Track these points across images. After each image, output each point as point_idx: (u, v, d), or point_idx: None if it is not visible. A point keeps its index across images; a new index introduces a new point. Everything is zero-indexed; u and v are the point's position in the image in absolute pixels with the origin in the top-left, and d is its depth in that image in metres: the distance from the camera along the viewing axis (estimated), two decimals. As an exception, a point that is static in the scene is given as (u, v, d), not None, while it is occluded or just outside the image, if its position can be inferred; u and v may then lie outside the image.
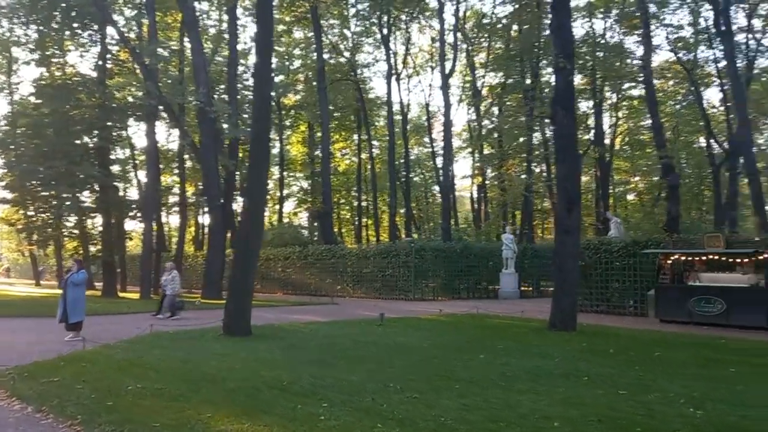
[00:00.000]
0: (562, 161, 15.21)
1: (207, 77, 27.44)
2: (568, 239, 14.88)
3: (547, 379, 8.75)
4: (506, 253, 28.90)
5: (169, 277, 19.17)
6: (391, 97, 39.94)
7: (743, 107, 29.07)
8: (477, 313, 19.11)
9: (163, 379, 8.39)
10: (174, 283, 18.99)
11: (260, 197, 14.28)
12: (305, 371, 9.07)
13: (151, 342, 12.26)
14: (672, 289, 17.53)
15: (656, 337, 13.64)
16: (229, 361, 9.93)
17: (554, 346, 12.10)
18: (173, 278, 19.13)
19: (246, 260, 13.88)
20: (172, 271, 19.54)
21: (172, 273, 19.41)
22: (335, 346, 11.73)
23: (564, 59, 14.93)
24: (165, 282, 19.32)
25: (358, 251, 30.79)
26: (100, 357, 10.28)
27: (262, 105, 14.18)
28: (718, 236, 17.07)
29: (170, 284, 18.97)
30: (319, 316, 18.86)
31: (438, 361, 10.15)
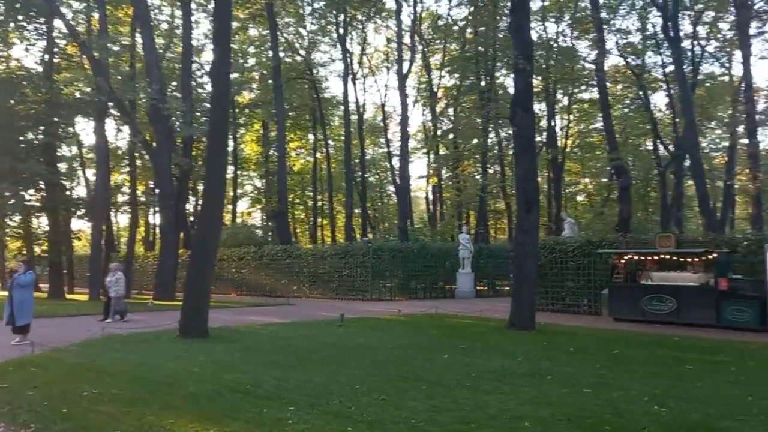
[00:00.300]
0: (521, 162, 15.34)
1: (160, 73, 26.77)
2: (527, 239, 15.01)
3: (512, 378, 8.76)
4: (463, 252, 29.09)
5: (114, 279, 17.97)
6: (347, 97, 39.78)
7: (690, 111, 29.93)
8: (436, 313, 19.13)
9: (119, 384, 8.07)
10: (119, 285, 17.89)
11: (218, 195, 13.94)
12: (267, 374, 8.88)
13: (104, 345, 11.83)
14: (625, 288, 17.89)
15: (613, 336, 13.87)
16: (186, 363, 9.65)
17: (515, 345, 12.17)
18: (117, 280, 17.95)
19: (203, 260, 13.53)
20: (117, 273, 18.32)
21: (116, 274, 18.18)
22: (296, 348, 11.54)
23: (523, 60, 15.06)
24: (109, 284, 18.09)
25: (314, 251, 30.53)
26: (51, 361, 9.85)
27: (220, 101, 13.86)
28: (670, 236, 17.52)
29: (114, 286, 17.81)
30: (276, 318, 18.57)
31: (401, 362, 10.07)
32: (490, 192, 40.84)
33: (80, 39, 25.25)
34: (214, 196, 13.72)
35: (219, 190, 13.88)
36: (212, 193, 13.70)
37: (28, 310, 12.67)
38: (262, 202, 58.09)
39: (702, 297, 16.28)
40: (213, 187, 13.69)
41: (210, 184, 13.71)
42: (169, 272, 27.00)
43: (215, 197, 13.76)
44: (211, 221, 13.63)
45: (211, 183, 13.68)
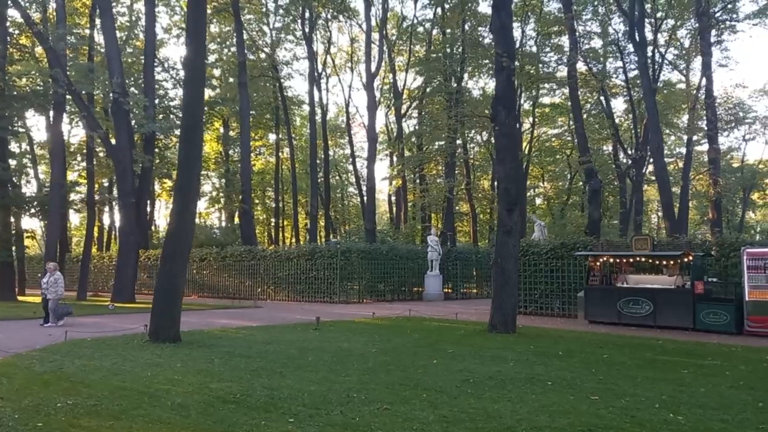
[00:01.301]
0: (503, 162, 15.09)
1: (121, 66, 25.69)
2: (509, 240, 14.75)
3: (513, 384, 8.41)
4: (431, 254, 28.85)
5: (51, 280, 16.54)
6: (313, 96, 39.08)
7: (655, 115, 30.30)
8: (411, 316, 18.77)
9: (95, 395, 7.41)
10: (57, 286, 16.51)
11: (191, 191, 13.24)
12: (255, 382, 8.33)
13: (70, 351, 11.05)
14: (601, 291, 17.83)
15: (596, 339, 13.71)
16: (166, 372, 9.01)
17: (503, 349, 11.86)
18: (56, 281, 16.60)
19: (175, 260, 12.82)
20: (55, 273, 16.90)
21: (54, 275, 16.79)
22: (278, 354, 10.98)
23: (507, 59, 14.81)
24: (46, 285, 16.62)
25: (280, 253, 29.81)
26: (16, 369, 9.08)
27: (194, 91, 13.19)
28: (646, 239, 17.50)
29: (52, 287, 16.43)
30: (247, 321, 17.91)
31: (393, 368, 9.63)
32: (456, 194, 40.68)
33: (36, 28, 23.98)
34: (187, 191, 13.02)
35: (192, 186, 13.18)
36: (185, 189, 12.99)
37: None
38: (221, 202, 56.98)
39: (678, 300, 16.30)
40: (185, 182, 12.98)
41: (182, 179, 12.99)
42: (128, 273, 25.97)
43: (188, 193, 13.05)
44: (183, 218, 12.92)
45: (184, 178, 12.97)
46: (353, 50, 53.13)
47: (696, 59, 42.75)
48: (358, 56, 53.88)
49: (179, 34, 47.20)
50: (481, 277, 32.54)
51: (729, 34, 38.22)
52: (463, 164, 43.27)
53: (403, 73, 48.69)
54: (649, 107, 30.49)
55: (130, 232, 26.06)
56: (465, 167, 43.83)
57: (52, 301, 16.44)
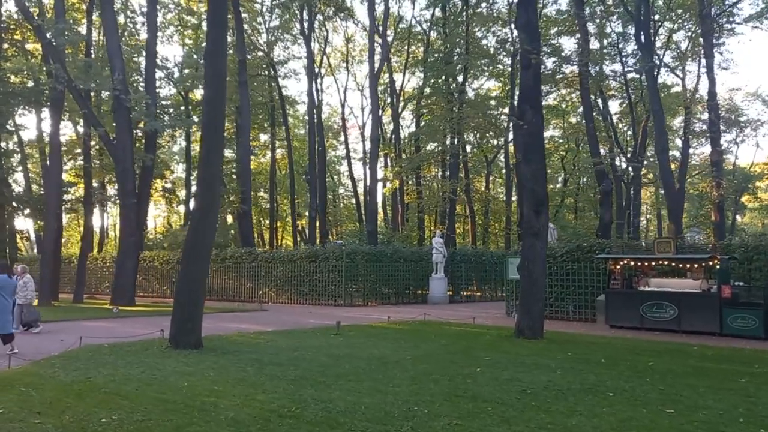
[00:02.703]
0: (530, 161, 14.66)
1: (122, 63, 25.02)
2: (537, 242, 14.33)
3: (574, 396, 7.96)
4: (436, 257, 28.41)
5: (20, 283, 15.22)
6: (312, 95, 38.47)
7: (660, 117, 30.07)
8: (428, 320, 18.29)
9: (138, 408, 6.87)
10: (26, 290, 15.43)
11: (214, 190, 12.66)
12: (302, 393, 7.81)
13: (90, 358, 10.45)
14: (623, 295, 17.41)
15: (628, 345, 13.31)
16: (202, 382, 8.47)
17: (540, 356, 11.42)
18: (25, 284, 15.54)
19: (197, 261, 12.24)
20: (24, 276, 15.83)
21: (23, 278, 15.67)
22: (310, 361, 10.46)
23: (535, 55, 14.40)
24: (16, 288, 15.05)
25: (283, 254, 29.21)
26: (41, 379, 8.49)
27: (216, 82, 12.62)
28: (669, 242, 17.14)
29: (21, 291, 15.19)
30: (260, 325, 17.37)
31: (439, 377, 9.15)
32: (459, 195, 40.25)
33: (36, 22, 23.23)
34: (209, 190, 12.44)
35: (214, 184, 12.61)
36: (207, 188, 12.40)
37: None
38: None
39: (704, 304, 15.91)
40: (207, 181, 12.40)
41: (204, 177, 12.41)
42: (128, 276, 25.29)
43: (210, 192, 12.47)
44: (205, 218, 12.34)
45: (206, 176, 12.39)
46: (348, 50, 52.71)
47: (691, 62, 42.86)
48: (352, 56, 53.52)
49: (172, 33, 46.65)
50: (485, 280, 32.08)
51: (727, 36, 38.19)
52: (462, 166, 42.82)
53: (400, 74, 48.38)
54: (655, 109, 30.25)
55: (131, 233, 25.38)
56: (464, 168, 43.43)
57: (20, 306, 15.25)
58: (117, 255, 26.65)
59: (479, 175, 55.88)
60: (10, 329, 11.47)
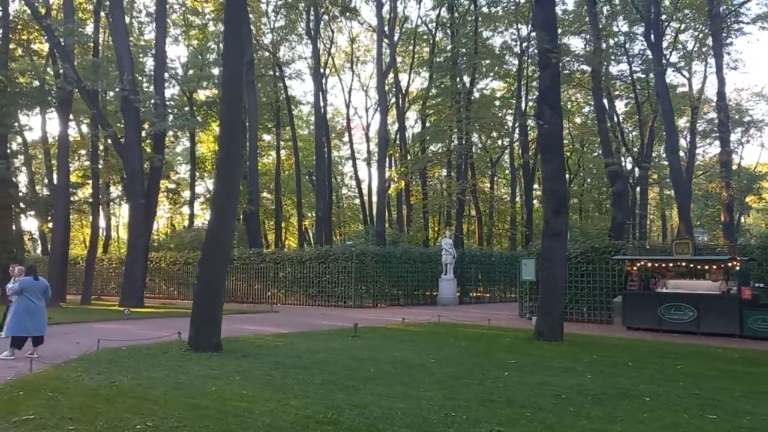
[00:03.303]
0: (549, 161, 14.51)
1: (131, 63, 24.87)
2: (557, 243, 14.18)
3: (610, 401, 7.81)
4: (446, 258, 28.23)
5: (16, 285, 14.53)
6: (319, 95, 38.30)
7: (670, 117, 29.90)
8: (442, 322, 18.13)
9: (171, 414, 6.71)
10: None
11: (233, 189, 12.49)
12: (334, 398, 7.66)
13: (111, 361, 10.29)
14: (640, 296, 17.26)
15: (652, 347, 13.16)
16: (230, 386, 8.30)
17: (565, 359, 11.28)
18: None
19: (215, 263, 12.09)
20: (21, 277, 14.51)
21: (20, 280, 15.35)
22: (334, 364, 10.30)
23: (555, 54, 14.25)
24: (11, 291, 13.80)
25: (292, 255, 29.06)
26: (65, 383, 8.33)
27: (234, 81, 12.47)
28: (687, 243, 16.97)
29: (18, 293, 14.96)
30: (274, 327, 17.23)
31: (468, 381, 8.99)
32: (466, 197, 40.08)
33: (45, 22, 23.07)
34: (228, 189, 12.27)
35: (233, 183, 12.43)
36: (225, 187, 12.24)
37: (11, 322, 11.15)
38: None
39: (724, 306, 15.75)
40: (226, 179, 12.23)
41: (222, 176, 12.23)
42: (137, 277, 25.12)
43: (229, 191, 12.30)
44: (223, 217, 12.17)
45: (224, 175, 12.22)
46: (353, 50, 52.60)
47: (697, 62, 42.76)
48: (356, 56, 53.41)
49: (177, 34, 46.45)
50: (494, 281, 31.91)
51: (735, 36, 38.01)
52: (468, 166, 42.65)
53: (404, 74, 48.18)
54: (665, 109, 30.06)
55: (140, 234, 25.21)
56: (471, 169, 43.28)
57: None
58: (126, 256, 26.48)
59: (483, 176, 55.77)
60: (43, 331, 11.35)
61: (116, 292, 34.90)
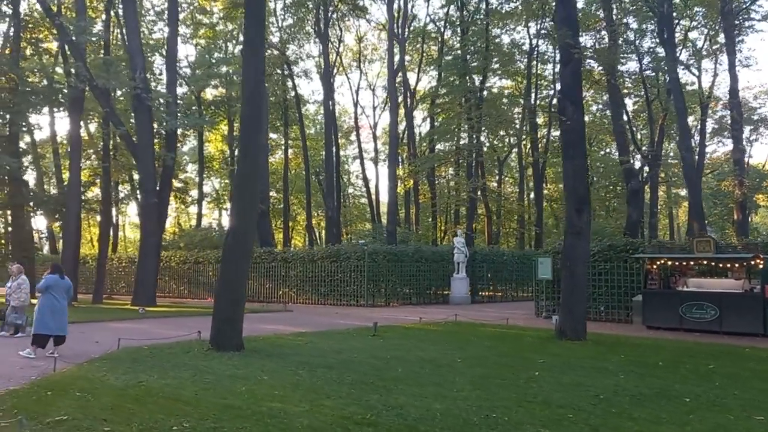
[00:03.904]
0: (571, 158, 14.33)
1: (144, 61, 24.77)
2: (579, 242, 14.00)
3: (651, 402, 7.64)
4: (458, 257, 28.05)
5: (14, 284, 14.30)
6: (328, 94, 38.15)
7: (684, 114, 29.65)
8: (460, 321, 17.95)
9: (207, 415, 6.57)
10: (20, 292, 14.24)
11: (254, 188, 12.34)
12: (368, 399, 7.50)
13: (134, 361, 10.16)
14: (661, 295, 17.05)
15: (677, 347, 12.96)
16: (260, 387, 8.15)
17: (593, 358, 11.10)
18: (19, 285, 14.31)
19: (237, 262, 11.94)
20: (20, 276, 14.54)
21: (19, 278, 14.46)
22: (360, 364, 10.14)
23: (577, 50, 14.07)
24: (9, 290, 14.39)
25: (303, 254, 28.92)
26: (92, 384, 8.19)
27: (255, 81, 12.33)
28: (709, 241, 16.76)
29: (15, 293, 14.17)
30: (291, 326, 17.10)
31: (500, 381, 8.83)
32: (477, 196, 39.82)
33: (58, 20, 22.96)
34: (250, 188, 12.12)
35: (254, 182, 12.29)
36: (247, 186, 12.09)
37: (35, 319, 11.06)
38: (221, 202, 55.88)
39: (747, 305, 15.55)
40: (247, 178, 12.09)
41: (244, 175, 12.10)
42: (149, 276, 25.03)
43: (250, 190, 12.15)
44: (245, 216, 12.04)
45: (246, 174, 12.08)
46: (360, 49, 52.44)
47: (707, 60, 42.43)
48: (364, 55, 53.24)
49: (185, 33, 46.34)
50: (506, 280, 31.71)
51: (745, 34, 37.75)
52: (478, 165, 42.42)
53: (412, 73, 47.97)
54: (679, 107, 29.86)
55: (152, 233, 25.12)
56: (480, 168, 43.05)
57: (13, 307, 14.25)
58: (138, 255, 26.36)
59: (490, 175, 55.56)
60: (65, 331, 11.25)
61: (126, 291, 34.87)
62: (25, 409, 6.64)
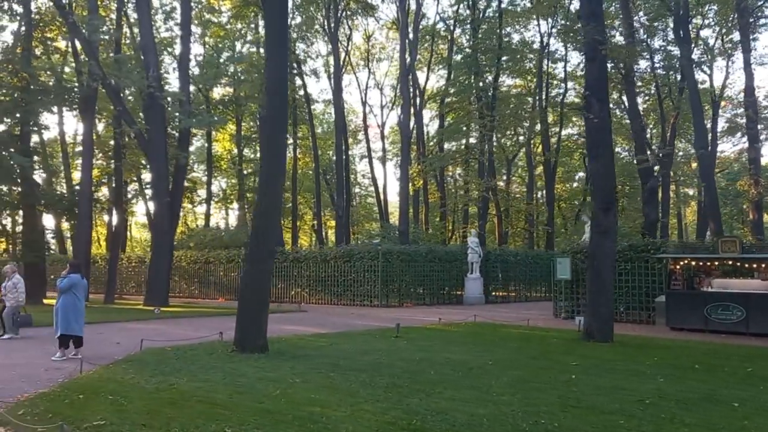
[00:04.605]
0: (598, 157, 14.09)
1: (157, 59, 24.59)
2: (606, 241, 13.76)
3: (699, 407, 7.40)
4: (472, 257, 27.82)
5: (9, 284, 13.96)
6: (339, 93, 37.93)
7: (700, 113, 29.37)
8: (480, 322, 17.72)
9: (246, 419, 6.35)
10: (15, 292, 13.95)
11: (277, 187, 12.13)
12: (409, 402, 7.28)
13: (159, 362, 9.96)
14: (685, 296, 16.78)
15: (708, 349, 12.70)
16: (294, 390, 7.93)
17: (626, 361, 10.86)
18: (14, 285, 14.00)
19: (261, 262, 11.72)
20: (14, 276, 14.18)
21: (14, 278, 14.12)
22: (390, 367, 9.91)
23: (603, 45, 13.83)
24: (5, 290, 14.03)
25: (315, 254, 28.71)
26: (123, 386, 7.98)
27: (278, 78, 12.13)
28: (734, 241, 16.50)
29: (11, 293, 13.88)
30: (310, 327, 16.86)
31: (538, 385, 8.60)
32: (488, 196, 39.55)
33: (71, 18, 22.79)
34: (273, 188, 11.91)
35: (278, 181, 12.06)
36: (270, 185, 11.87)
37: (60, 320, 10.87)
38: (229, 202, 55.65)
39: (774, 306, 15.29)
40: (270, 178, 11.87)
41: (267, 175, 11.88)
42: (162, 276, 24.82)
43: (272, 189, 11.93)
44: (269, 216, 11.85)
45: (269, 173, 11.87)
46: (369, 48, 52.22)
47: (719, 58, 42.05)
48: (372, 54, 52.99)
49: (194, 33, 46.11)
50: (520, 280, 31.46)
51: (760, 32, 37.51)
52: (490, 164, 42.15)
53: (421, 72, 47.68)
54: (695, 106, 29.61)
55: (165, 233, 24.92)
56: (491, 167, 42.78)
57: (9, 308, 13.93)
58: (151, 255, 26.16)
59: (498, 174, 55.27)
60: (82, 332, 11.09)
61: (136, 291, 34.76)
62: (59, 414, 6.45)
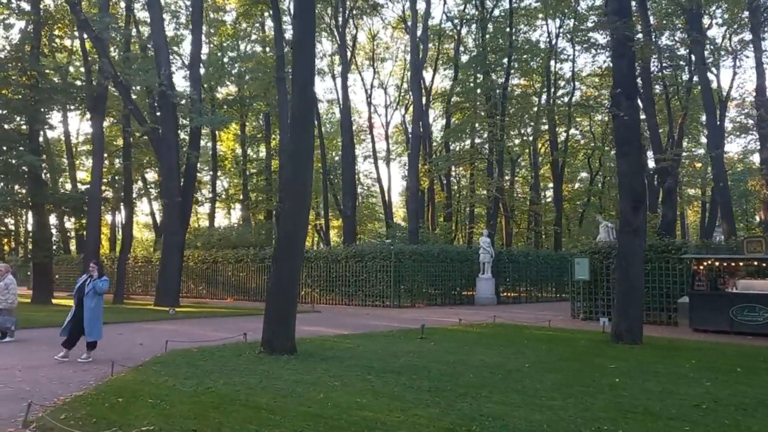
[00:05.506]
0: (626, 154, 13.84)
1: (168, 57, 24.32)
2: (636, 240, 13.52)
3: (759, 412, 7.17)
4: (484, 257, 27.58)
5: (2, 285, 13.51)
6: (346, 91, 37.65)
7: (713, 113, 29.17)
8: (501, 323, 17.48)
9: (297, 425, 6.12)
10: (7, 293, 13.44)
11: (306, 186, 11.86)
12: (461, 407, 7.05)
13: (188, 364, 9.71)
14: (709, 297, 16.55)
15: (741, 351, 12.48)
16: (337, 393, 7.70)
17: (663, 363, 10.61)
18: (6, 286, 13.53)
19: (289, 261, 11.45)
20: (6, 277, 13.69)
21: (6, 278, 13.65)
22: (427, 369, 9.66)
23: (631, 42, 13.60)
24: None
25: (326, 254, 28.45)
26: (160, 389, 7.73)
27: (304, 76, 11.87)
28: (760, 241, 16.27)
29: (2, 294, 13.40)
30: (330, 327, 16.65)
31: (584, 389, 8.34)
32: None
33: (83, 16, 22.52)
34: (301, 186, 11.65)
35: (306, 180, 11.80)
36: (298, 184, 11.62)
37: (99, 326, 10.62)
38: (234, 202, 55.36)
39: (803, 307, 15.07)
40: (298, 177, 11.62)
41: (294, 174, 11.62)
42: (173, 276, 24.56)
43: (302, 189, 11.68)
44: (297, 216, 11.57)
45: (296, 173, 11.60)
46: (374, 47, 51.99)
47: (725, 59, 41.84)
48: (376, 54, 52.75)
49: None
50: (532, 280, 31.23)
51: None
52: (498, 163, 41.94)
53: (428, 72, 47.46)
54: (708, 106, 29.42)
55: (175, 232, 24.66)
56: (499, 167, 42.57)
57: (6, 311, 13.44)
58: (161, 254, 25.90)
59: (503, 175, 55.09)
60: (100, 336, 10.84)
61: (143, 291, 34.50)
62: (103, 418, 6.21)
